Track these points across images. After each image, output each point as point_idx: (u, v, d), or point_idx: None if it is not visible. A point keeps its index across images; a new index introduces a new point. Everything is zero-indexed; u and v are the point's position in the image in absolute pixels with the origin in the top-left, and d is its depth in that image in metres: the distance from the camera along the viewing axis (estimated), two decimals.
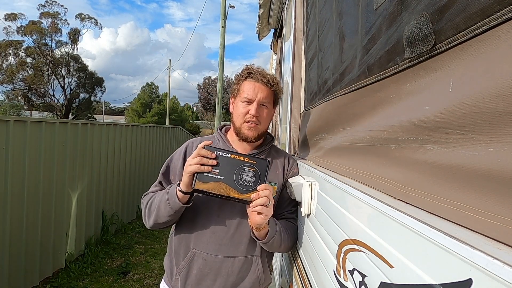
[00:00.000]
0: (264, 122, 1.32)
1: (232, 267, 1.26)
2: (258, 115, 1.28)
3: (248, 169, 1.12)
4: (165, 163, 1.39)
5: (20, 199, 2.93)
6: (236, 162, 1.11)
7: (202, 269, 1.26)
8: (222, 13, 11.47)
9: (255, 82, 1.29)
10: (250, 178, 1.12)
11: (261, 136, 1.35)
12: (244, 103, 1.29)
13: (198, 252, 1.26)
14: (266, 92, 1.30)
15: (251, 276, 1.29)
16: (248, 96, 1.28)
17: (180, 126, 9.28)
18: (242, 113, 1.29)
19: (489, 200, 0.40)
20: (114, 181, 4.86)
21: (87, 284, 3.38)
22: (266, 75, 1.31)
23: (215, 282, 1.26)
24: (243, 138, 1.31)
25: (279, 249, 1.31)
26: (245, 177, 1.12)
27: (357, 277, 0.73)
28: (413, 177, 0.57)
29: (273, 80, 1.31)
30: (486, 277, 0.36)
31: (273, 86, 1.31)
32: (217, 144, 1.37)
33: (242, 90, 1.31)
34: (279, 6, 3.04)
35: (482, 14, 0.40)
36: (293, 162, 1.45)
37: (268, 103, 1.32)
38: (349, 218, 0.80)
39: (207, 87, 48.57)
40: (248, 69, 1.33)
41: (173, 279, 1.31)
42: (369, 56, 0.75)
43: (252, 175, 1.12)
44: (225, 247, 1.25)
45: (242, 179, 1.11)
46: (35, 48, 27.15)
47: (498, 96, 0.38)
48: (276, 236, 1.22)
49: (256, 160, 1.14)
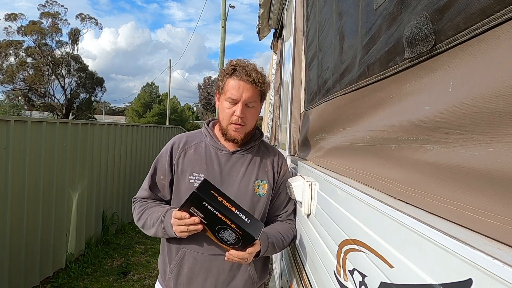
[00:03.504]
0: (250, 122, 1.28)
1: (223, 265, 1.25)
2: (244, 116, 1.23)
3: (231, 232, 1.05)
4: (153, 164, 1.36)
5: (21, 199, 2.93)
6: (222, 221, 1.03)
7: (192, 268, 1.26)
8: (222, 13, 11.48)
9: (239, 80, 1.22)
10: (230, 239, 1.07)
11: (249, 135, 1.32)
12: (229, 103, 1.23)
13: (188, 251, 1.26)
14: (252, 91, 1.23)
15: (243, 274, 1.28)
16: (233, 96, 1.22)
17: (181, 126, 9.29)
18: (228, 114, 1.24)
19: (489, 200, 0.40)
20: (115, 181, 4.86)
21: (87, 284, 3.38)
22: (252, 73, 1.22)
23: (206, 280, 1.25)
24: (229, 139, 1.28)
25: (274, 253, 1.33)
26: (227, 236, 1.07)
27: (357, 277, 0.73)
28: (413, 177, 0.57)
29: (258, 78, 1.23)
30: (486, 277, 0.36)
31: (259, 86, 1.24)
32: (203, 139, 1.34)
33: (226, 88, 1.24)
34: (279, 6, 3.04)
35: (482, 14, 0.39)
36: (282, 159, 1.42)
37: (254, 102, 1.26)
38: (349, 218, 0.80)
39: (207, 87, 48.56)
40: (233, 64, 1.25)
41: (166, 278, 1.32)
42: (369, 56, 0.75)
43: (234, 238, 1.06)
44: (215, 246, 1.23)
45: (223, 234, 1.07)
46: (35, 48, 27.16)
47: (498, 96, 0.38)
48: (270, 248, 1.23)
49: (244, 232, 1.03)
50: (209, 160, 1.29)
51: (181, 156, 1.31)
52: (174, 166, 1.31)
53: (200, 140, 1.35)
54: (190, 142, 1.34)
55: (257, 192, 1.30)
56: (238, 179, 1.29)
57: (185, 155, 1.31)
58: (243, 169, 1.30)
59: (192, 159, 1.30)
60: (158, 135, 6.64)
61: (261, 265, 1.37)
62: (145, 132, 5.94)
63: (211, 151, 1.31)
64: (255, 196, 1.30)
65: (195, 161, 1.29)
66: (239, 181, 1.29)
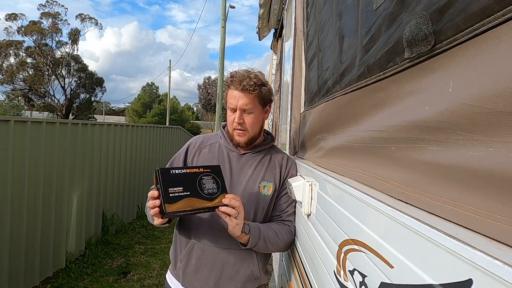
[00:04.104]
0: (252, 127, 1.36)
1: (228, 259, 1.32)
2: (243, 122, 1.33)
3: (207, 178, 1.17)
4: (171, 159, 1.47)
5: (21, 199, 2.93)
6: (193, 175, 1.16)
7: (200, 259, 1.34)
8: (222, 13, 11.48)
9: (234, 90, 1.32)
10: (212, 185, 1.17)
11: (254, 140, 1.40)
12: (230, 111, 1.36)
13: (197, 243, 1.34)
14: (246, 98, 1.31)
15: (246, 269, 1.35)
16: (231, 105, 1.34)
17: (180, 126, 9.28)
18: (230, 121, 1.36)
19: (489, 200, 0.40)
20: (115, 181, 4.86)
21: (87, 284, 3.38)
22: (243, 81, 1.29)
23: (211, 272, 1.33)
24: (235, 144, 1.39)
25: (267, 251, 1.38)
26: (208, 185, 1.17)
27: (357, 277, 0.73)
28: (413, 177, 0.57)
29: (250, 85, 1.29)
30: (487, 277, 0.36)
31: (251, 92, 1.30)
32: (218, 140, 1.46)
33: (226, 99, 1.38)
34: (279, 6, 3.04)
35: (482, 14, 0.39)
36: (291, 164, 1.47)
37: (251, 108, 1.33)
38: (349, 218, 0.80)
39: (207, 87, 48.56)
40: (232, 76, 1.35)
41: (176, 267, 1.40)
42: (369, 56, 0.75)
43: (213, 181, 1.18)
44: (221, 239, 1.31)
45: (206, 188, 1.16)
46: (35, 48, 27.18)
47: (498, 96, 0.38)
48: (260, 242, 1.26)
49: (210, 168, 1.20)
50: (221, 159, 1.39)
51: (196, 154, 1.42)
52: (188, 163, 1.42)
53: (215, 141, 1.46)
54: (206, 142, 1.46)
55: (262, 193, 1.37)
56: (246, 179, 1.37)
57: (199, 154, 1.42)
58: (251, 170, 1.39)
59: (205, 157, 1.41)
60: (158, 135, 6.64)
61: (263, 263, 1.41)
62: (145, 132, 5.94)
63: (224, 152, 1.42)
64: (260, 196, 1.36)
65: (208, 159, 1.41)
66: (247, 181, 1.37)
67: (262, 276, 1.40)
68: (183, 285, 1.37)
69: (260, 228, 1.28)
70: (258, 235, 1.26)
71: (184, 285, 1.37)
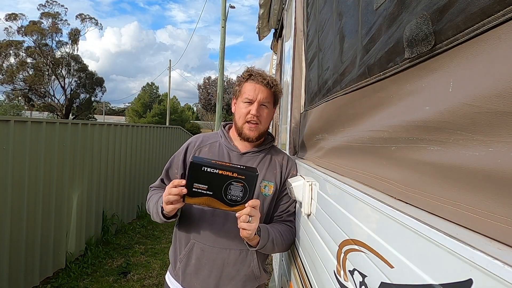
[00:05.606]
0: (265, 122, 1.38)
1: (228, 259, 1.32)
2: (259, 115, 1.35)
3: (237, 184, 1.12)
4: (170, 159, 1.47)
5: (20, 199, 2.93)
6: (224, 178, 1.11)
7: (200, 259, 1.33)
8: (222, 13, 11.47)
9: (256, 83, 1.35)
10: (238, 192, 1.13)
11: (262, 136, 1.40)
12: (245, 103, 1.35)
13: (197, 242, 1.34)
14: (266, 93, 1.36)
15: (246, 269, 1.34)
16: (249, 96, 1.34)
17: (180, 126, 9.27)
18: (244, 113, 1.35)
19: (489, 200, 0.40)
20: (115, 181, 4.86)
21: (87, 284, 3.38)
22: (266, 77, 1.37)
23: (211, 272, 1.32)
24: (244, 138, 1.37)
25: (272, 252, 1.37)
26: (234, 192, 1.12)
27: (357, 277, 0.73)
28: (413, 177, 0.57)
29: (273, 81, 1.37)
30: (487, 277, 0.36)
31: (273, 87, 1.37)
32: (218, 139, 1.44)
33: (243, 91, 1.37)
34: (279, 6, 3.04)
35: (482, 14, 0.39)
36: (292, 164, 1.48)
37: (268, 103, 1.38)
38: (349, 218, 0.80)
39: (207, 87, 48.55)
40: (249, 71, 1.39)
41: (176, 268, 1.39)
42: (369, 56, 0.75)
43: (241, 189, 1.13)
44: (221, 239, 1.31)
45: (230, 194, 1.12)
46: (35, 48, 27.17)
47: (498, 96, 0.38)
48: (268, 244, 1.26)
49: (245, 175, 1.12)
50: (221, 158, 1.39)
51: (196, 154, 1.41)
52: (187, 163, 1.41)
53: (215, 140, 1.45)
54: (206, 141, 1.45)
55: (263, 192, 1.37)
56: None
57: (199, 153, 1.42)
58: None
59: (205, 156, 1.40)
60: (158, 135, 6.64)
61: (262, 262, 1.41)
62: (145, 132, 5.94)
63: (224, 151, 1.41)
64: (261, 195, 1.36)
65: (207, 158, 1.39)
66: None
67: (262, 275, 1.40)
68: (182, 286, 1.37)
69: (268, 230, 1.28)
70: (267, 237, 1.25)
71: (184, 285, 1.36)
